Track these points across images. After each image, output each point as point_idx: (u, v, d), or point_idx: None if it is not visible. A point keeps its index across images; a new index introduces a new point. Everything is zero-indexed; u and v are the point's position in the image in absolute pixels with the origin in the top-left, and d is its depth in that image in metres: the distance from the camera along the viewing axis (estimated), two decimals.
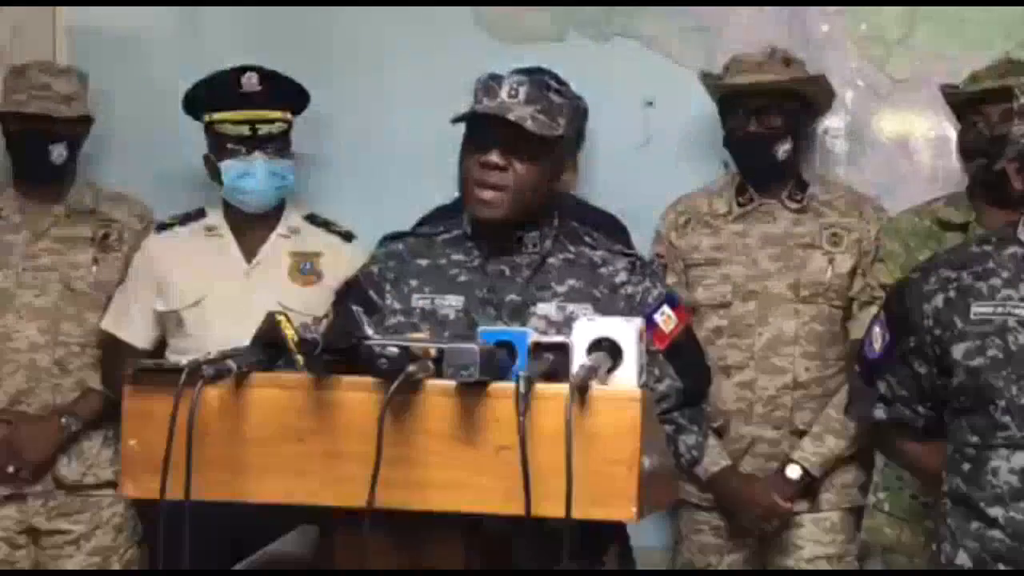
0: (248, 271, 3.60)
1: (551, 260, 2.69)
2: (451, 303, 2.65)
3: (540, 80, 2.67)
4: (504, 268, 2.67)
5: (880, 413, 2.68)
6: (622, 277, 2.68)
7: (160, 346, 3.65)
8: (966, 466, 2.50)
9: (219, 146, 3.56)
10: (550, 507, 1.99)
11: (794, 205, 3.57)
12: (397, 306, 2.68)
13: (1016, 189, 2.58)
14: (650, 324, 2.59)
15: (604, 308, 2.61)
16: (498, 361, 2.08)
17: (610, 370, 2.10)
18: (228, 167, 3.54)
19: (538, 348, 2.12)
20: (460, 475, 2.07)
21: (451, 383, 2.06)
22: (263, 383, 2.14)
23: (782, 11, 3.85)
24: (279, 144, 3.57)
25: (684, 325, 2.71)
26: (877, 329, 2.67)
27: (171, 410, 2.03)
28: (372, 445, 2.00)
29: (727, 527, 3.56)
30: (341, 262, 3.58)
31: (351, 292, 2.76)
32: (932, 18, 3.77)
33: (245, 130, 3.52)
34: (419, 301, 2.67)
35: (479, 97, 2.63)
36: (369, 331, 2.12)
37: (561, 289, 2.66)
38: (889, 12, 3.81)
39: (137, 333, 3.64)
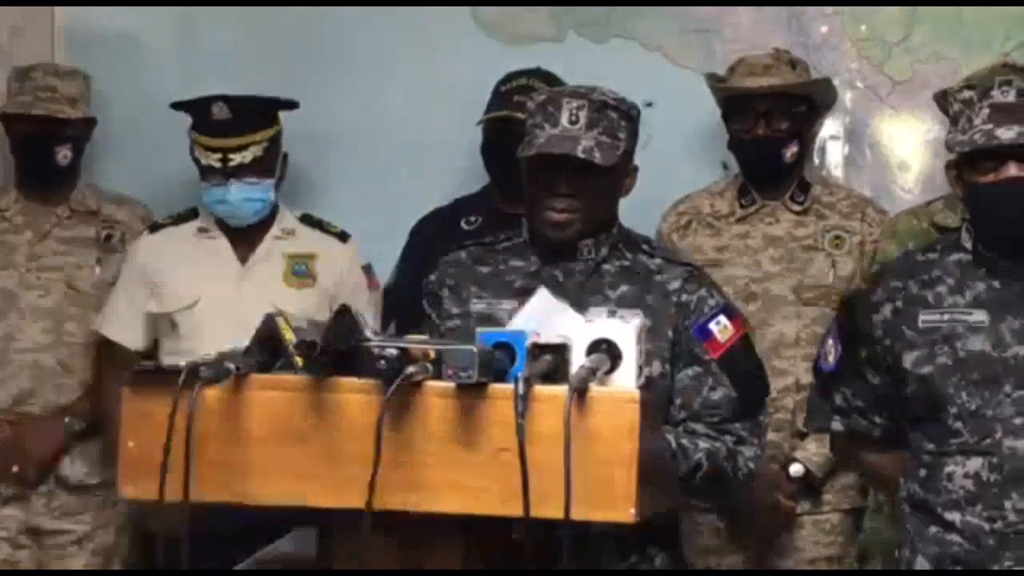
0: (242, 273, 3.55)
1: (606, 266, 2.68)
2: (507, 308, 2.64)
3: (597, 100, 2.65)
4: (558, 274, 2.67)
5: (837, 425, 2.69)
6: (676, 285, 2.67)
7: (154, 347, 3.62)
8: (923, 472, 2.53)
9: (199, 166, 3.50)
10: (549, 508, 2.00)
11: (796, 207, 3.57)
12: (455, 311, 2.71)
13: (957, 195, 2.59)
14: (705, 333, 2.61)
15: (655, 316, 2.59)
16: (497, 362, 2.08)
17: (609, 371, 2.10)
18: (205, 189, 3.49)
19: (537, 349, 2.13)
20: (459, 476, 2.08)
21: (450, 385, 2.06)
22: (262, 385, 2.14)
23: (782, 12, 3.85)
24: (254, 168, 3.47)
25: (741, 335, 2.68)
26: (830, 341, 2.68)
27: (169, 412, 2.03)
28: (371, 447, 2.01)
29: (727, 529, 3.55)
30: (336, 263, 3.57)
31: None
32: (932, 19, 3.77)
33: (216, 162, 3.45)
34: (476, 305, 2.69)
35: (538, 121, 2.62)
36: (368, 332, 2.12)
37: (613, 295, 2.65)
38: (889, 13, 3.80)
39: (129, 335, 3.59)
